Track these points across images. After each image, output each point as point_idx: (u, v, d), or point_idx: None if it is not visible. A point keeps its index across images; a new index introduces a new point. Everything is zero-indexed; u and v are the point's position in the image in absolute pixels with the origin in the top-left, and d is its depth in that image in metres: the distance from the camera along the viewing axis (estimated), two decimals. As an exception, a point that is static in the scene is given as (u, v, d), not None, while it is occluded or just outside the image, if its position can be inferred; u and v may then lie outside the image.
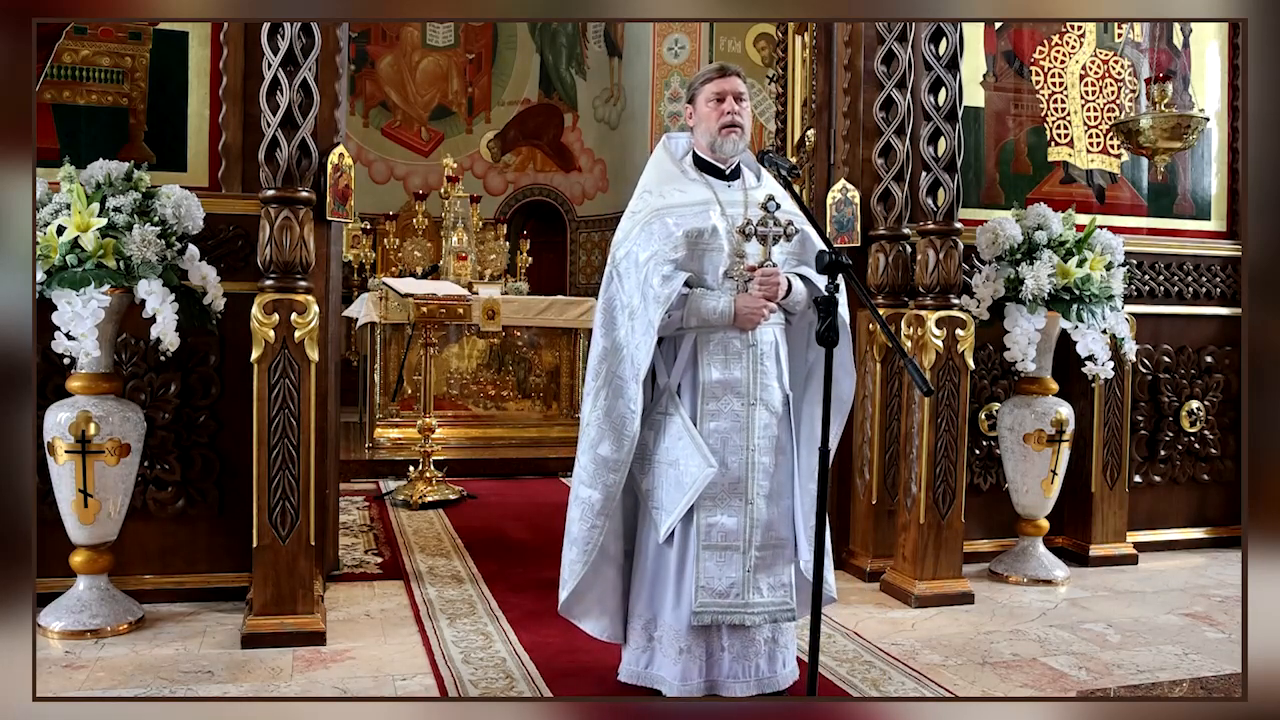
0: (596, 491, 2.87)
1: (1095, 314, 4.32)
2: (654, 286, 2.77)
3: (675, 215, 2.87)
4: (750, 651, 2.89)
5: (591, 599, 2.97)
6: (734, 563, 2.83)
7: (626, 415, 2.83)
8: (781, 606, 2.88)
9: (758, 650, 2.90)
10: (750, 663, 2.89)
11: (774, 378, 2.90)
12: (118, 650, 3.33)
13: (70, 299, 3.24)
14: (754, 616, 2.84)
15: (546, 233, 12.12)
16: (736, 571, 2.83)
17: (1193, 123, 4.69)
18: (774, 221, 2.86)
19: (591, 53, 12.22)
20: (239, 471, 3.75)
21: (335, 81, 3.88)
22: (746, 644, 2.89)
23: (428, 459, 6.11)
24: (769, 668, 2.91)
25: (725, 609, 2.82)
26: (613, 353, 2.87)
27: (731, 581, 2.83)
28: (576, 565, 2.91)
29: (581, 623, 3.02)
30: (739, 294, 2.83)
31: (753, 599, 2.84)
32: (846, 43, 4.52)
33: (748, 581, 2.84)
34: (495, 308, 7.25)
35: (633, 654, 2.96)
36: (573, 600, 2.96)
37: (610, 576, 2.97)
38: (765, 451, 2.88)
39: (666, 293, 2.76)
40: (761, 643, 2.90)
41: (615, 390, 2.84)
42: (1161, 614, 4.05)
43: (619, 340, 2.86)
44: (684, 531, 2.85)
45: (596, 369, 2.89)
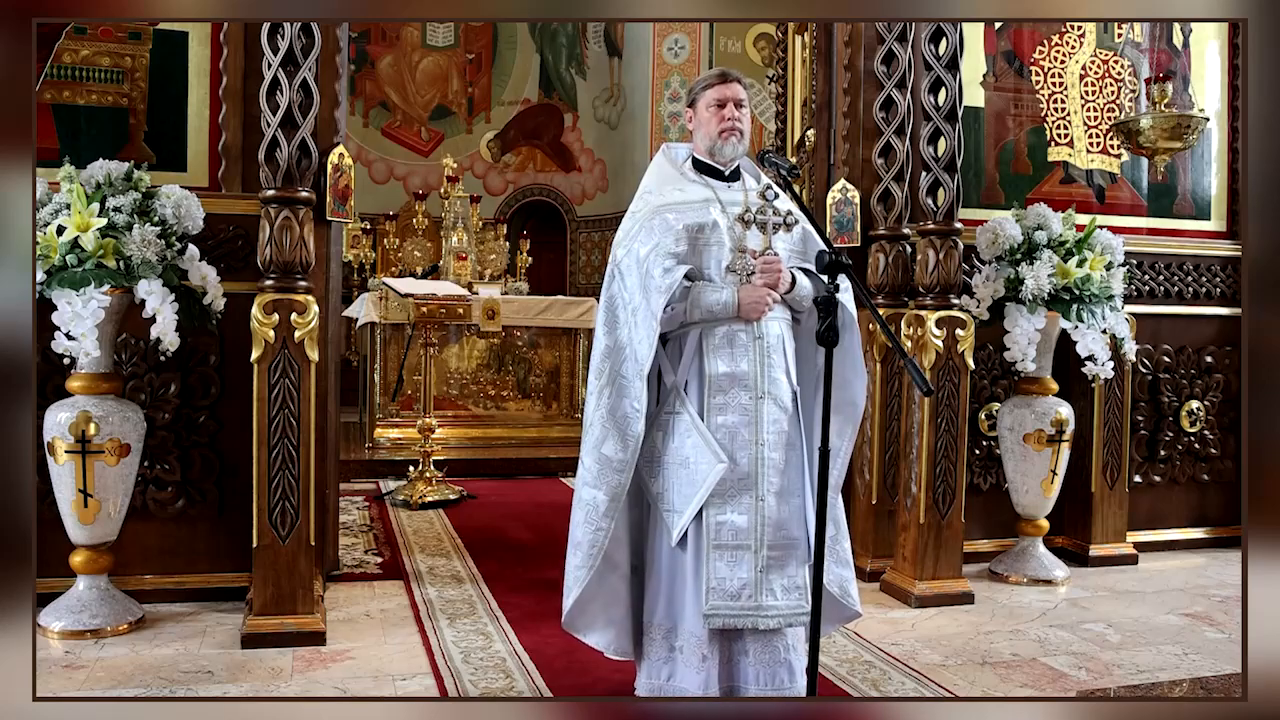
0: (601, 492, 2.79)
1: (1095, 314, 4.32)
2: (655, 277, 2.74)
3: (676, 211, 2.86)
4: (771, 660, 2.80)
5: (596, 609, 2.87)
6: (745, 562, 2.74)
7: (630, 414, 2.77)
8: (796, 610, 2.75)
9: (778, 659, 2.80)
10: (772, 671, 2.80)
11: (782, 371, 2.85)
12: (118, 650, 3.33)
13: (70, 299, 3.24)
14: (768, 620, 2.74)
15: (546, 233, 12.12)
16: (748, 572, 2.73)
17: (1193, 123, 4.69)
18: (773, 210, 2.87)
19: (591, 53, 12.22)
20: (239, 471, 3.75)
21: (335, 81, 3.89)
22: (768, 650, 2.79)
23: (428, 459, 6.11)
24: (789, 679, 2.81)
25: (737, 612, 2.72)
26: (615, 351, 2.82)
27: (743, 582, 2.72)
28: (581, 571, 2.81)
29: (586, 636, 2.91)
30: (742, 285, 2.80)
31: (766, 601, 2.73)
32: (846, 43, 4.53)
33: (760, 583, 2.74)
34: (495, 308, 7.25)
35: (653, 667, 2.84)
36: (576, 612, 2.85)
37: (616, 587, 2.87)
38: (775, 447, 2.80)
39: (668, 282, 2.73)
40: (782, 651, 2.81)
41: (619, 389, 2.80)
42: (1161, 614, 4.05)
43: (621, 339, 2.82)
44: (696, 533, 2.78)
45: (599, 368, 2.84)
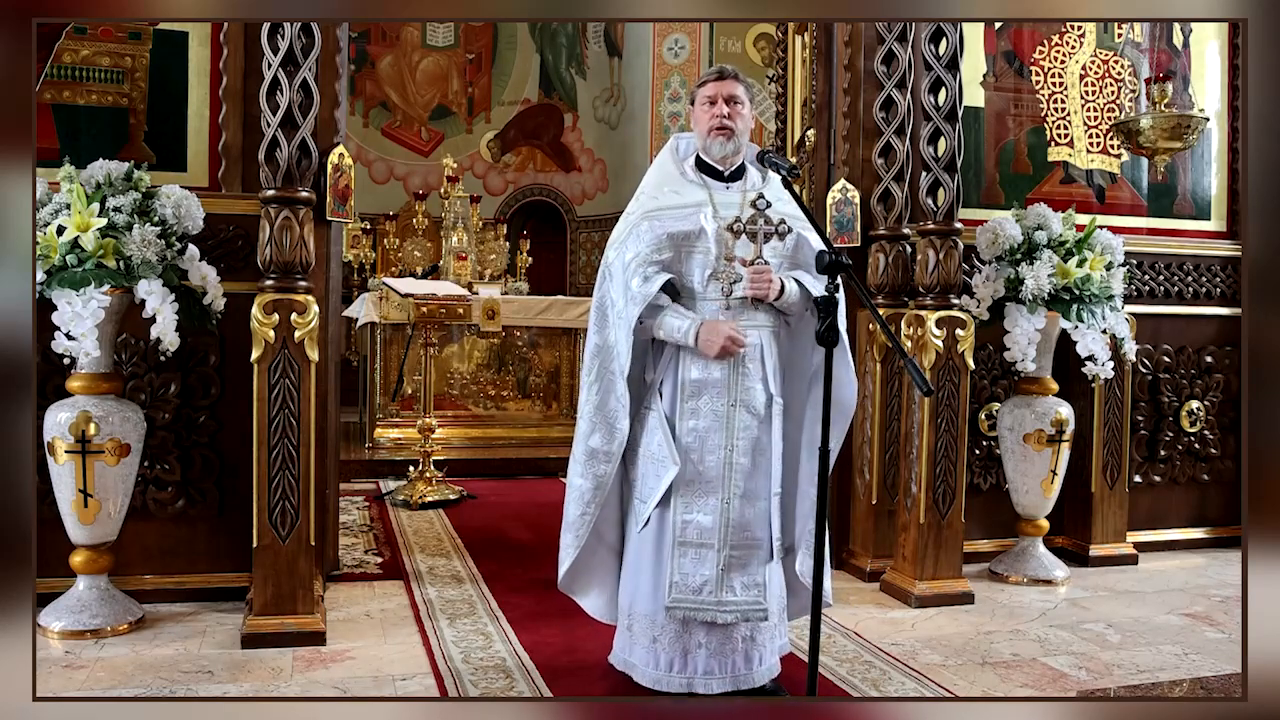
0: (587, 481, 2.99)
1: (1095, 314, 4.32)
2: (633, 288, 2.88)
3: (663, 218, 2.94)
4: (727, 649, 2.94)
5: (586, 579, 3.13)
6: (708, 560, 2.89)
7: (617, 410, 2.93)
8: (754, 606, 2.91)
9: (734, 648, 2.94)
10: (727, 659, 2.94)
11: (757, 380, 2.93)
12: (118, 650, 3.33)
13: (70, 299, 3.24)
14: (726, 614, 2.89)
15: (546, 233, 12.12)
16: (710, 569, 2.89)
17: (1193, 123, 4.69)
18: (765, 220, 2.90)
19: (591, 53, 12.22)
20: (239, 471, 3.75)
21: (335, 81, 3.88)
22: (723, 641, 2.93)
23: (428, 459, 6.11)
24: (745, 665, 2.96)
25: (697, 606, 2.89)
26: (604, 350, 2.97)
27: (705, 579, 2.89)
28: (570, 550, 3.05)
29: (579, 599, 3.17)
30: (703, 324, 2.87)
31: (725, 597, 2.89)
32: (846, 43, 4.52)
33: (721, 580, 2.89)
34: (495, 308, 7.25)
35: (619, 638, 3.08)
36: (569, 578, 3.11)
37: (606, 560, 3.11)
38: (744, 453, 2.91)
39: (644, 293, 2.85)
40: (739, 640, 2.95)
41: (606, 386, 2.95)
42: (1161, 614, 4.05)
43: (609, 339, 2.96)
44: (660, 524, 2.93)
45: (590, 364, 3.00)
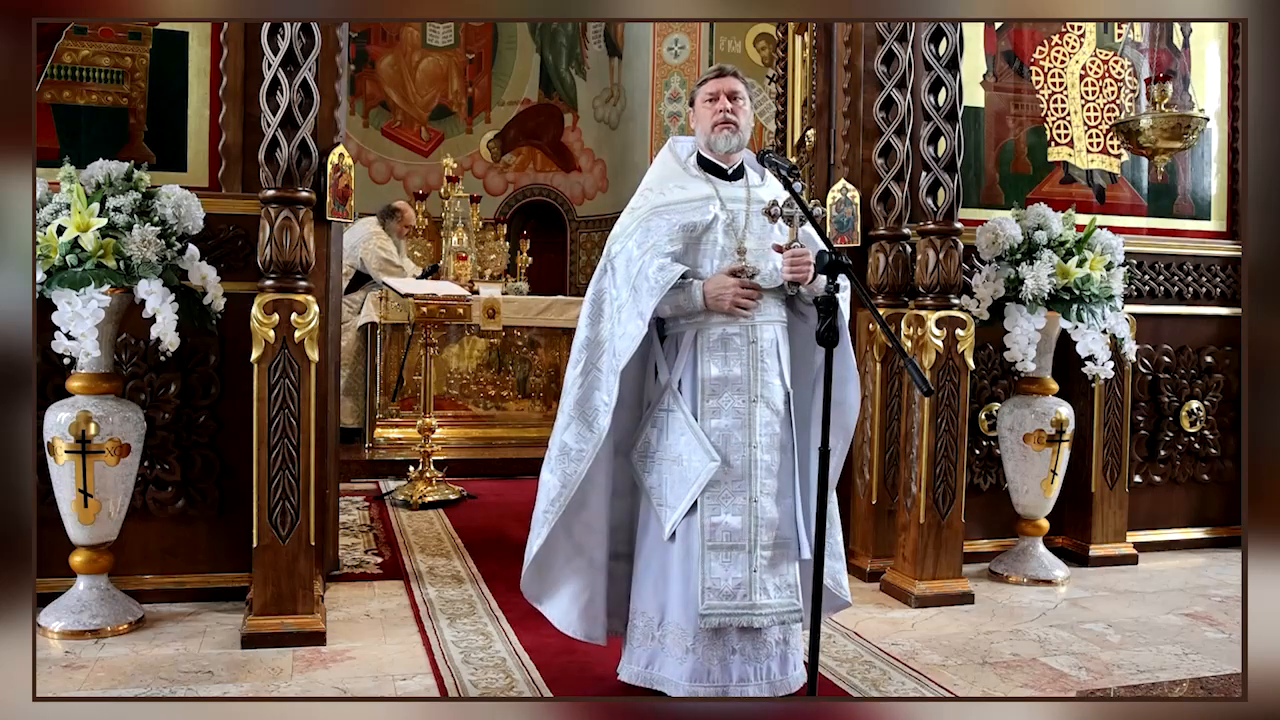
0: (555, 478, 2.85)
1: (1095, 314, 4.32)
2: (649, 277, 2.78)
3: (674, 211, 2.90)
4: (761, 654, 2.84)
5: (554, 587, 2.95)
6: (740, 563, 2.79)
7: (600, 408, 2.82)
8: (789, 608, 2.83)
9: (769, 652, 2.85)
10: (761, 665, 2.84)
11: (775, 375, 2.89)
12: (118, 650, 3.33)
13: (70, 299, 3.24)
14: (761, 618, 2.79)
15: (546, 233, 12.11)
16: (743, 572, 2.79)
17: (1193, 123, 4.69)
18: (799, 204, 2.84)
19: (591, 53, 12.21)
20: (239, 471, 3.75)
21: (335, 81, 3.88)
22: (758, 646, 2.84)
23: (428, 459, 6.11)
24: (780, 670, 2.86)
25: (732, 611, 2.77)
26: (594, 344, 2.88)
27: (738, 582, 2.78)
28: (533, 550, 2.89)
29: (544, 606, 2.99)
30: (709, 280, 2.81)
31: (759, 600, 2.79)
32: (846, 43, 4.52)
33: (754, 582, 2.79)
34: (495, 308, 7.25)
35: (634, 652, 2.92)
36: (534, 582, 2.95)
37: (584, 572, 2.94)
38: (768, 449, 2.85)
39: (663, 281, 2.77)
40: (773, 644, 2.86)
41: (592, 381, 2.85)
42: (1161, 614, 4.05)
43: (602, 333, 2.87)
44: (687, 529, 2.82)
45: (576, 359, 2.89)
